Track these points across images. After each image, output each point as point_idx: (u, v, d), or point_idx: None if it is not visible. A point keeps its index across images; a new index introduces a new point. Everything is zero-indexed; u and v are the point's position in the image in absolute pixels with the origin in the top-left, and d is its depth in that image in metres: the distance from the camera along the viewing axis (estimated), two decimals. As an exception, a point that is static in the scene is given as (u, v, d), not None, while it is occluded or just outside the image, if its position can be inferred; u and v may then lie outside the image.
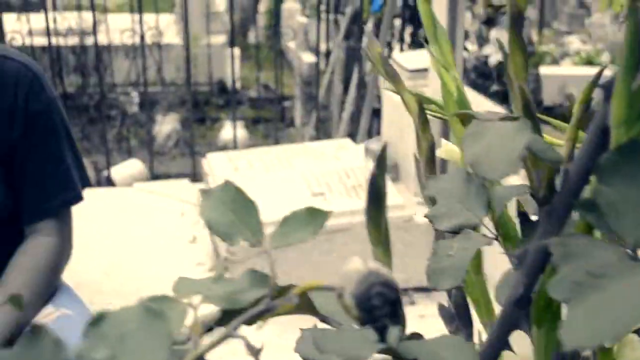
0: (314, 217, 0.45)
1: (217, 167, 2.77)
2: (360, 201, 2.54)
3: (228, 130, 5.09)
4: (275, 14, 3.44)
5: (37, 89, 1.41)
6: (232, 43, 4.50)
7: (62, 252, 1.44)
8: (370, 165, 2.71)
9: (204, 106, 5.60)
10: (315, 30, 5.95)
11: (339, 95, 4.05)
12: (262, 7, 8.03)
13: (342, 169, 2.67)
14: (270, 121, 5.53)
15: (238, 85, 5.89)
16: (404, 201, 2.58)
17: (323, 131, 4.49)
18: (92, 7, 3.50)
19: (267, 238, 0.44)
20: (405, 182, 2.74)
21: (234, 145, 3.63)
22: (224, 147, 4.98)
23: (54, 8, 5.65)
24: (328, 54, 4.78)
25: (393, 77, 0.60)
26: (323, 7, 4.45)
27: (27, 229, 1.41)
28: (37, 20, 4.83)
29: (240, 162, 2.78)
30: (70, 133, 1.49)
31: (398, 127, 2.74)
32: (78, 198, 1.46)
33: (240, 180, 2.68)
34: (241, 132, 5.21)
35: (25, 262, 1.38)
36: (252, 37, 7.42)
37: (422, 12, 0.65)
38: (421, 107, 0.58)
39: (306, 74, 5.06)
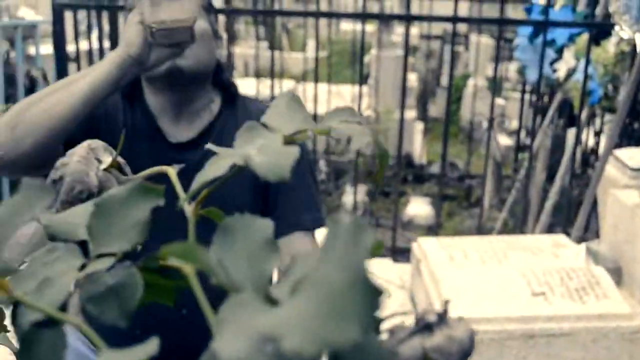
0: None
1: (431, 253, 2.74)
2: (583, 306, 2.42)
3: (414, 206, 5.09)
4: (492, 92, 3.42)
5: None
6: (419, 117, 4.56)
7: None
8: (592, 268, 2.59)
9: (390, 179, 5.64)
10: (509, 111, 5.87)
11: (540, 182, 3.95)
12: (444, 80, 8.07)
13: (562, 269, 2.57)
14: (455, 199, 5.48)
15: (423, 160, 5.91)
16: (630, 310, 2.44)
17: (517, 217, 4.39)
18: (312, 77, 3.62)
19: None
20: (629, 288, 2.60)
21: (437, 228, 3.60)
22: (409, 223, 4.98)
23: (247, 74, 5.98)
24: (516, 132, 4.70)
25: None
26: (506, 84, 4.39)
27: (283, 243, 1.49)
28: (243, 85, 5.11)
29: (454, 250, 2.75)
30: (314, 172, 1.63)
31: (626, 230, 2.61)
32: (324, 221, 1.57)
33: (457, 271, 2.64)
34: (426, 209, 5.19)
35: None
36: (432, 111, 7.44)
37: None
38: None
39: (500, 156, 4.99)
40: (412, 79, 6.31)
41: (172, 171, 0.41)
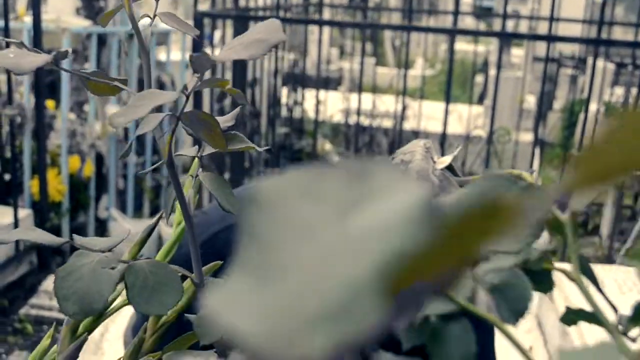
0: None
1: (566, 280, 2.66)
2: None
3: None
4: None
5: None
6: (535, 142, 4.46)
7: None
8: None
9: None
10: None
11: (670, 214, 3.78)
12: (558, 104, 7.85)
13: None
14: (570, 226, 5.29)
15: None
16: None
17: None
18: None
19: None
20: None
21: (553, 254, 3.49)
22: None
23: (352, 89, 6.02)
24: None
25: None
26: None
27: None
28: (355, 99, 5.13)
29: (589, 278, 2.66)
30: None
31: None
32: None
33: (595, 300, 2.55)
34: (542, 235, 5.05)
35: None
36: (543, 134, 7.24)
37: None
38: None
39: (622, 184, 4.81)
40: (531, 100, 6.19)
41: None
